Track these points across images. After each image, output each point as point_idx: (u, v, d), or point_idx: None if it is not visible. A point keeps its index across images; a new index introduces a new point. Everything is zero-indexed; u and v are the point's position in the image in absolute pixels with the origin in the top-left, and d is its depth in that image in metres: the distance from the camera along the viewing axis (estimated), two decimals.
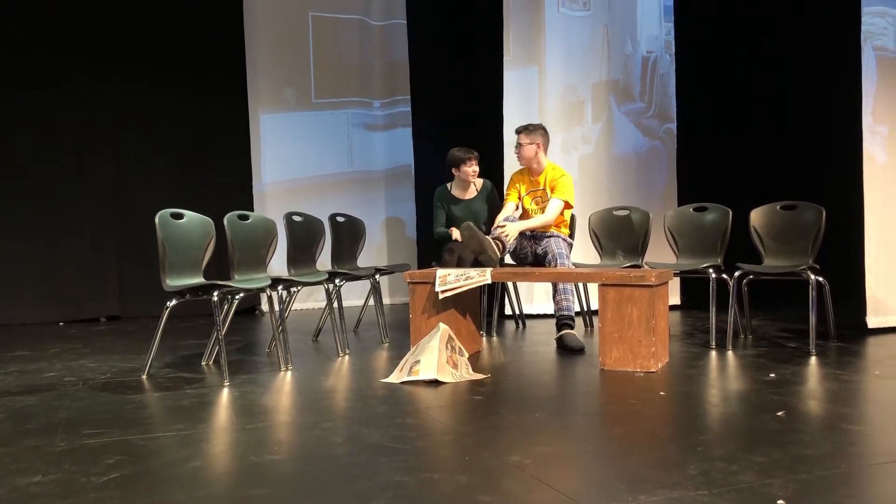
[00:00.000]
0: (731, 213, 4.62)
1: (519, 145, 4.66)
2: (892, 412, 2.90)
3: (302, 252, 4.43)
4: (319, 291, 6.45)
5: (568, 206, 4.63)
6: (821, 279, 4.14)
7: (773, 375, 3.45)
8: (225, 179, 6.47)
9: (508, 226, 4.41)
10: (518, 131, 4.70)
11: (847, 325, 4.69)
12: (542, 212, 4.62)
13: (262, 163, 6.69)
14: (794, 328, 4.84)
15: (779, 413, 2.76)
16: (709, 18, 6.50)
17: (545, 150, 4.67)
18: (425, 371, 3.38)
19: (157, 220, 3.58)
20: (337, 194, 6.85)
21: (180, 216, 3.74)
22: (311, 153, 6.83)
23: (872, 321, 4.55)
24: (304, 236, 4.46)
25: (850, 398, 3.03)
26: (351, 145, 6.99)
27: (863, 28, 4.53)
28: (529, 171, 4.72)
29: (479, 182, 5.01)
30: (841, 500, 1.89)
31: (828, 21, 5.58)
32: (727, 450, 2.33)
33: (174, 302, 3.56)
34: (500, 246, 4.23)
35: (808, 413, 2.79)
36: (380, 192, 7.11)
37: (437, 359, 3.41)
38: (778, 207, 4.50)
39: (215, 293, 3.48)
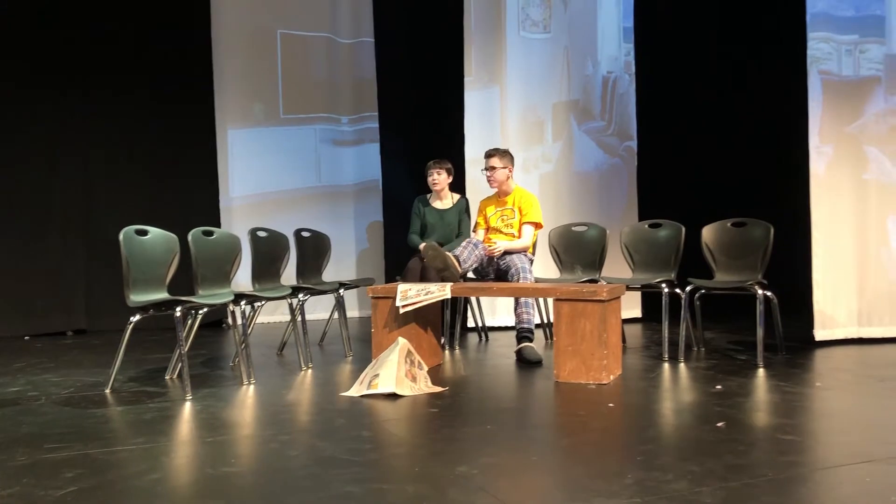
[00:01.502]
0: (683, 229, 4.77)
1: (492, 168, 4.80)
2: (827, 422, 3.05)
3: (266, 267, 4.50)
4: (285, 305, 6.51)
5: (539, 226, 4.85)
6: (769, 293, 4.30)
7: (719, 387, 3.58)
8: (192, 193, 6.51)
9: (499, 244, 4.65)
10: (491, 154, 4.85)
11: (796, 338, 4.85)
12: (509, 227, 4.82)
13: (230, 177, 6.76)
14: (746, 341, 4.99)
15: (718, 424, 2.89)
16: (667, 40, 6.69)
17: (512, 174, 4.87)
18: (384, 384, 3.47)
19: (121, 237, 3.64)
20: (305, 209, 6.93)
21: (144, 233, 3.80)
22: (279, 168, 6.91)
23: (820, 334, 4.72)
24: (268, 251, 4.54)
25: (789, 409, 3.17)
26: (319, 160, 7.08)
27: (809, 53, 4.72)
28: (497, 194, 4.90)
29: (457, 197, 5.23)
30: None
31: (778, 45, 5.79)
32: (665, 459, 2.45)
33: (137, 317, 3.62)
34: (458, 263, 4.35)
35: (747, 423, 2.92)
36: (348, 206, 7.20)
37: (395, 372, 3.50)
38: (728, 224, 4.67)
39: (178, 309, 3.55)
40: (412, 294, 4.05)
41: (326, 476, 2.31)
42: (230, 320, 6.32)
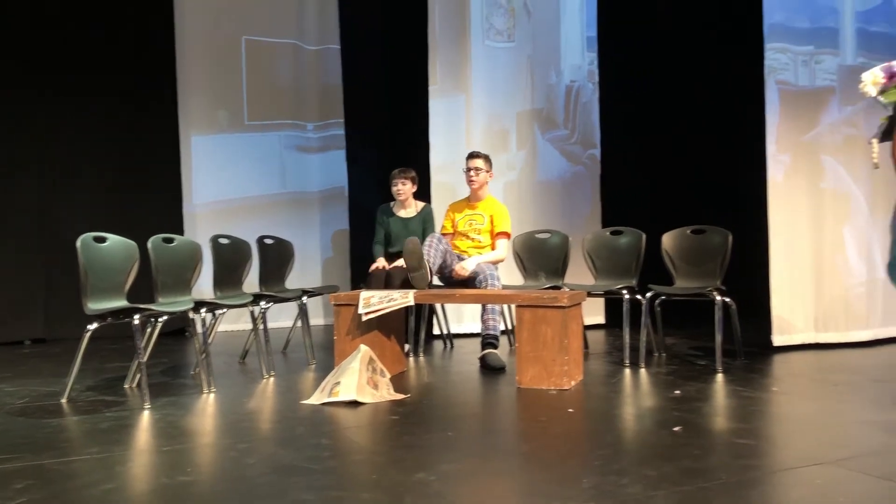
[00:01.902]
0: (644, 236, 4.83)
1: (477, 169, 4.83)
2: (782, 426, 3.10)
3: (228, 274, 4.47)
4: (249, 313, 6.46)
5: (509, 237, 4.94)
6: (727, 300, 4.36)
7: (678, 392, 3.62)
8: (155, 201, 6.44)
9: (464, 262, 4.63)
10: (476, 155, 4.90)
11: (755, 344, 4.92)
12: (477, 233, 4.86)
13: (194, 184, 6.70)
14: (707, 347, 5.05)
15: (675, 428, 2.93)
16: (630, 49, 6.77)
17: (490, 180, 4.98)
18: (345, 392, 3.46)
19: (78, 244, 3.59)
20: (270, 216, 6.89)
21: (103, 240, 3.75)
22: (244, 175, 6.87)
23: (778, 339, 4.79)
24: (230, 259, 4.51)
25: (745, 414, 3.22)
26: (284, 167, 7.05)
27: (766, 63, 4.81)
28: (469, 198, 4.93)
29: (421, 205, 5.21)
30: None
31: (737, 56, 5.89)
32: (622, 464, 2.47)
33: (95, 325, 3.57)
34: (430, 270, 4.36)
35: (704, 428, 2.96)
36: (314, 213, 7.18)
37: (357, 380, 3.49)
38: (688, 231, 4.74)
39: (136, 316, 3.51)
40: (375, 301, 4.04)
41: (283, 484, 2.30)
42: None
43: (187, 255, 4.14)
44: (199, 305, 3.93)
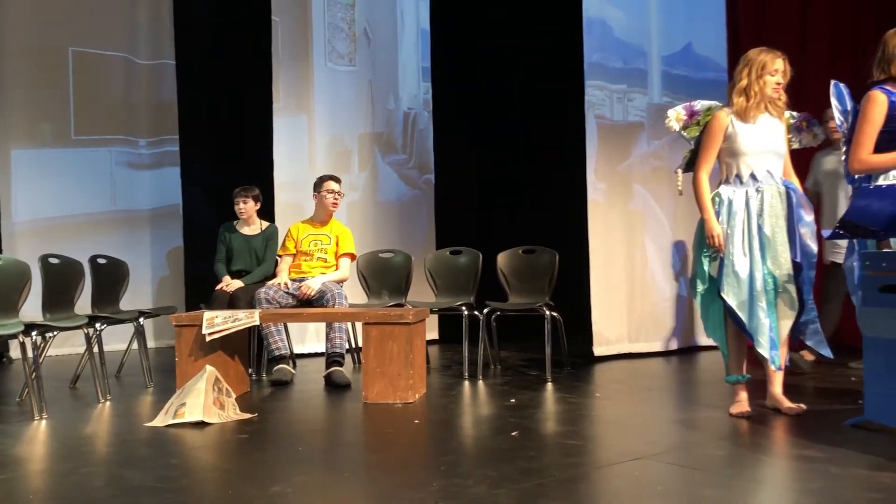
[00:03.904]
0: (481, 256, 5.14)
1: (339, 193, 4.98)
2: (605, 427, 3.45)
3: (59, 296, 4.27)
4: (76, 336, 6.12)
5: (354, 257, 5.06)
6: (555, 314, 4.74)
7: (513, 401, 3.89)
8: None
9: (309, 282, 4.67)
10: (338, 180, 5.02)
11: (579, 355, 5.31)
12: (323, 252, 4.93)
13: (14, 201, 6.28)
14: (537, 359, 5.39)
15: (513, 433, 3.17)
16: (463, 81, 7.11)
17: None
18: (191, 413, 3.43)
19: None
20: (99, 234, 6.57)
21: None
22: (70, 192, 6.52)
23: (598, 350, 5.23)
24: (60, 279, 4.31)
25: (573, 417, 3.55)
26: (114, 184, 6.77)
27: (586, 99, 5.28)
28: (314, 219, 5.00)
29: (266, 224, 5.26)
30: (550, 503, 2.28)
31: (562, 91, 6.37)
32: (465, 467, 2.67)
33: None
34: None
35: (537, 432, 3.23)
36: (145, 232, 6.93)
37: (203, 400, 3.47)
38: (520, 251, 5.10)
39: None
40: (219, 321, 4.03)
41: None
42: (13, 353, 5.85)
43: (15, 276, 3.92)
44: (29, 328, 3.74)
